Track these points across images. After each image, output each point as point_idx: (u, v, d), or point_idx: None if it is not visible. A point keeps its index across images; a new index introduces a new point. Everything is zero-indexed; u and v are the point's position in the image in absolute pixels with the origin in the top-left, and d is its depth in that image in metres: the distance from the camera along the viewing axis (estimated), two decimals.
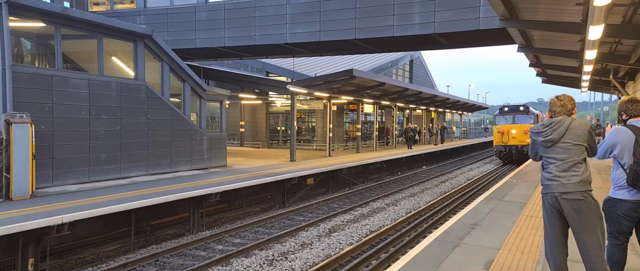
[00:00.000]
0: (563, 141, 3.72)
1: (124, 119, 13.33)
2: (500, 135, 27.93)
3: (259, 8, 19.33)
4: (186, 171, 15.30)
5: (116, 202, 9.40)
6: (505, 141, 27.70)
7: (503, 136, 27.74)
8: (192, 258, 9.43)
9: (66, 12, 12.11)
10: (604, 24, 6.55)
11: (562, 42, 11.62)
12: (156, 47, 14.65)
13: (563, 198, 3.65)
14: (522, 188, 10.74)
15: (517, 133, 27.24)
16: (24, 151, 10.04)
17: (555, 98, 3.93)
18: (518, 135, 27.21)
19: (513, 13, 9.00)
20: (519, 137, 27.21)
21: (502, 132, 27.78)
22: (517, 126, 27.45)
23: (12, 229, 7.32)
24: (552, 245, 3.78)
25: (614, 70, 15.58)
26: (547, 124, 3.85)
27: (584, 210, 3.59)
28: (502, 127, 27.94)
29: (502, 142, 27.86)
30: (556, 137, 3.75)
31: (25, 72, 11.12)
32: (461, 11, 15.91)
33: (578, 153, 3.70)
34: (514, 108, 28.70)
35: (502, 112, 28.85)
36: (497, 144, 28.28)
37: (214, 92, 17.53)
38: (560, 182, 3.67)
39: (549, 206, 3.77)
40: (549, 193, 3.75)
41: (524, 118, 27.82)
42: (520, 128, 27.16)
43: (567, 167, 3.69)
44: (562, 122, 3.77)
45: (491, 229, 6.84)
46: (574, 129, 3.72)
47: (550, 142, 3.78)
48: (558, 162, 3.73)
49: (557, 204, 3.70)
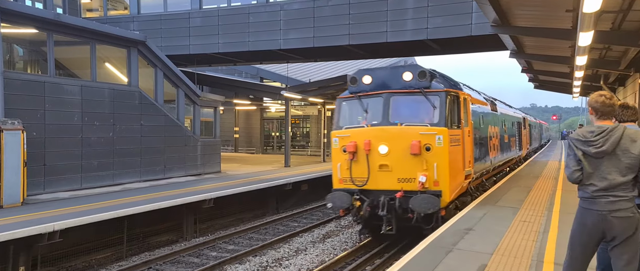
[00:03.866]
0: (615, 153, 3.29)
1: (117, 125, 13.27)
2: (345, 157, 8.72)
3: (252, 14, 19.37)
4: (180, 177, 15.23)
5: (108, 209, 9.34)
6: (359, 178, 8.64)
7: (355, 163, 8.65)
8: (186, 265, 9.37)
9: (58, 18, 12.08)
10: (593, 30, 6.64)
11: (553, 48, 11.75)
12: (150, 53, 14.62)
13: (613, 216, 3.28)
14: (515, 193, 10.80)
15: (399, 154, 8.33)
16: (15, 158, 9.95)
17: (604, 98, 3.41)
18: (401, 159, 8.34)
19: (505, 19, 9.09)
20: (402, 165, 8.34)
21: (352, 148, 8.56)
22: (397, 132, 8.37)
23: (2, 237, 7.24)
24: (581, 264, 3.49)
25: (604, 75, 15.74)
26: (598, 132, 3.32)
27: (634, 227, 3.32)
28: (353, 133, 8.74)
29: (351, 180, 8.74)
30: (609, 148, 3.28)
31: (17, 79, 11.05)
32: (454, 17, 16.04)
33: (630, 167, 3.28)
34: (391, 77, 8.80)
35: (355, 88, 9.08)
36: (340, 187, 8.87)
37: (208, 98, 17.51)
38: (609, 199, 3.28)
39: (591, 224, 3.35)
40: (594, 210, 3.33)
41: (420, 108, 8.62)
42: (405, 138, 8.26)
43: (618, 184, 3.27)
44: (616, 130, 3.31)
45: (484, 234, 6.86)
46: (628, 139, 3.29)
47: (602, 153, 3.29)
48: (608, 176, 3.29)
49: (602, 222, 3.31)
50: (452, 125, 8.57)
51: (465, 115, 9.38)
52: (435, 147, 8.09)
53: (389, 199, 8.26)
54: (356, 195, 8.56)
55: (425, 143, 8.12)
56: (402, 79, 8.58)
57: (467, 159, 9.31)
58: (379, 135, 8.39)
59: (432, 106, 8.40)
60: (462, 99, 9.18)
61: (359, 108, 8.99)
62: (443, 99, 8.39)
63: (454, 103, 8.83)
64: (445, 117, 8.30)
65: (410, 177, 8.24)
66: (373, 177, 8.47)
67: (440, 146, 8.10)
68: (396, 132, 8.33)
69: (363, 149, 8.42)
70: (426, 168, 8.13)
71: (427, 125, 8.32)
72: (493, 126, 12.90)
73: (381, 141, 8.35)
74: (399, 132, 8.31)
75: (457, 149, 8.70)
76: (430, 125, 8.30)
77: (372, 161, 8.42)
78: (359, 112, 8.98)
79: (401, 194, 8.16)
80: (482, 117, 11.36)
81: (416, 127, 8.30)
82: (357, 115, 9.07)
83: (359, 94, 8.94)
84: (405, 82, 8.57)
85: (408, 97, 8.60)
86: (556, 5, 7.75)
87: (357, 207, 8.56)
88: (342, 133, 8.84)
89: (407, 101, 8.63)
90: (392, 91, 8.62)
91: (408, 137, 8.19)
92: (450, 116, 8.53)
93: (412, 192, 8.18)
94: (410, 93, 8.56)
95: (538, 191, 11.24)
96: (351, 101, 9.13)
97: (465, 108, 9.39)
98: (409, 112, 8.59)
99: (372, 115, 8.76)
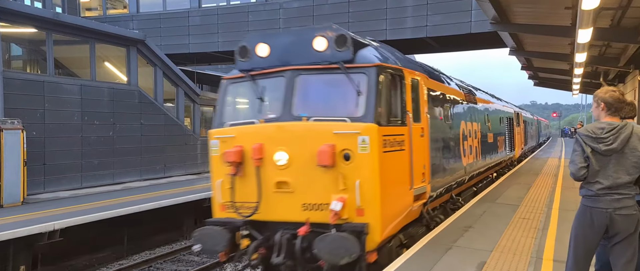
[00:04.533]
0: (623, 151, 3.24)
1: (116, 125, 13.28)
2: (227, 170, 5.62)
3: (252, 12, 19.37)
4: (180, 176, 15.24)
5: (109, 208, 9.35)
6: (246, 203, 5.58)
7: (241, 179, 5.60)
8: (186, 263, 9.39)
9: (57, 17, 12.09)
10: (592, 27, 6.64)
11: (552, 45, 11.75)
12: (149, 52, 14.62)
13: (617, 213, 3.26)
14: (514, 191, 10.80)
15: (304, 165, 5.34)
16: (15, 157, 9.96)
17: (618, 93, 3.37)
18: (307, 173, 5.34)
19: (504, 17, 9.10)
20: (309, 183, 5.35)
21: (235, 157, 5.51)
22: (302, 132, 5.40)
23: (2, 236, 7.25)
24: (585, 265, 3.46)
25: (604, 72, 15.75)
26: (608, 129, 3.27)
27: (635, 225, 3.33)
28: (239, 134, 5.73)
29: (232, 206, 5.63)
30: (619, 146, 3.23)
31: (17, 78, 11.06)
32: (453, 15, 16.05)
33: (636, 165, 3.26)
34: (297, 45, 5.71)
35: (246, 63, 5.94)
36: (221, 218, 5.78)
37: (208, 97, 17.51)
38: (614, 197, 3.26)
39: (596, 222, 3.31)
40: (599, 208, 3.29)
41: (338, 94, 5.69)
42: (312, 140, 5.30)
43: (625, 182, 3.25)
44: (626, 127, 3.26)
45: (484, 231, 6.87)
46: (636, 137, 3.26)
47: (612, 151, 3.24)
48: (614, 174, 3.26)
49: (606, 220, 3.29)
50: (390, 120, 5.57)
51: (417, 105, 6.37)
52: (358, 154, 5.14)
53: (287, 237, 5.24)
54: (243, 230, 5.50)
55: (342, 148, 5.15)
56: (313, 49, 5.51)
57: (417, 170, 6.27)
58: (276, 136, 5.42)
59: (356, 90, 5.36)
60: (409, 81, 6.12)
61: (250, 95, 5.96)
62: (373, 79, 5.36)
63: (394, 87, 5.75)
64: (375, 107, 5.25)
65: (322, 202, 5.23)
66: (267, 202, 5.44)
67: (366, 152, 5.12)
68: (300, 131, 5.37)
69: (252, 158, 5.40)
70: (344, 187, 5.14)
71: (347, 120, 5.25)
72: (470, 122, 9.73)
73: (279, 145, 5.36)
74: (303, 132, 5.35)
75: (398, 157, 5.69)
76: (350, 120, 5.24)
77: (265, 176, 5.41)
78: (251, 100, 5.98)
79: (306, 229, 5.16)
80: (450, 110, 8.32)
81: (328, 124, 5.28)
82: (248, 105, 6.12)
83: (251, 73, 5.87)
84: (317, 53, 5.51)
85: (322, 76, 5.60)
86: (555, 2, 7.75)
87: (245, 249, 5.52)
88: (223, 134, 5.81)
89: (320, 82, 5.68)
90: (298, 67, 5.61)
91: (316, 139, 5.22)
92: (387, 106, 5.48)
93: (324, 225, 5.12)
94: (325, 71, 5.55)
95: (538, 188, 11.25)
96: (241, 83, 6.06)
97: (416, 94, 6.37)
98: (323, 99, 5.71)
99: (269, 105, 5.85)
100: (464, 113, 9.38)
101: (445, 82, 8.63)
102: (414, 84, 6.33)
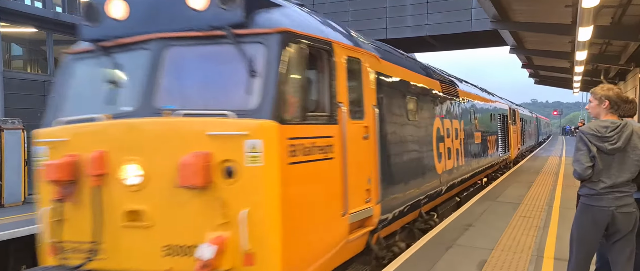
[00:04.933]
0: (626, 150, 3.26)
1: None
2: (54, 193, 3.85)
3: None
4: None
5: None
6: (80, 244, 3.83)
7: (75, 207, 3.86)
8: None
9: (58, 17, 12.09)
10: (593, 25, 6.64)
11: (553, 43, 11.74)
12: None
13: (619, 211, 3.28)
14: (515, 189, 10.79)
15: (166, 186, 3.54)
16: (16, 157, 9.97)
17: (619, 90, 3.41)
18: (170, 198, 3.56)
19: (504, 15, 9.09)
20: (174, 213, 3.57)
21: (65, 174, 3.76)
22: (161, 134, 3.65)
23: (3, 236, 7.26)
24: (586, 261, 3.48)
25: (604, 70, 15.75)
26: (612, 127, 3.27)
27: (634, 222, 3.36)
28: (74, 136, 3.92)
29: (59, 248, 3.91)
30: (622, 145, 3.24)
31: (17, 78, 11.06)
32: (453, 13, 16.05)
33: (637, 163, 3.30)
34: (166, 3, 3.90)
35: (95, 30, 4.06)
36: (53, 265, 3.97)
37: None
38: (615, 195, 3.28)
39: (598, 221, 3.33)
40: (601, 206, 3.31)
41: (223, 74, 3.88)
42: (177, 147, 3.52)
43: (626, 180, 3.29)
44: (627, 126, 3.29)
45: (484, 230, 6.87)
46: (636, 136, 3.29)
47: (616, 150, 3.25)
48: (616, 172, 3.28)
49: (608, 218, 3.31)
50: (306, 116, 3.86)
51: (358, 94, 4.68)
52: (246, 167, 3.43)
53: None
54: None
55: (222, 158, 3.46)
56: (189, 7, 3.72)
57: (357, 187, 4.51)
58: (126, 140, 3.68)
59: (248, 68, 3.57)
60: (343, 60, 4.34)
61: (98, 76, 4.13)
62: (274, 52, 3.61)
63: (315, 66, 4.12)
64: (275, 95, 3.53)
65: (192, 243, 3.50)
66: (112, 242, 3.72)
67: (258, 165, 3.42)
68: (159, 132, 3.66)
69: (90, 175, 3.69)
70: (225, 220, 3.45)
71: (229, 115, 3.51)
72: (448, 119, 8.09)
73: (130, 155, 3.63)
74: (163, 133, 3.65)
75: (319, 169, 3.99)
76: (237, 114, 3.51)
77: (109, 203, 3.71)
78: (98, 84, 4.11)
79: None
80: (417, 103, 6.57)
81: (200, 120, 3.58)
82: (93, 93, 4.21)
83: (101, 43, 4.07)
84: (194, 12, 3.71)
85: (200, 48, 3.83)
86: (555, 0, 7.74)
87: None
88: (53, 135, 4.08)
89: (198, 58, 3.90)
90: (168, 35, 3.82)
91: (182, 145, 3.52)
92: (299, 93, 3.78)
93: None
94: (204, 41, 3.78)
95: (538, 186, 11.24)
96: (88, 59, 4.26)
97: (357, 80, 4.67)
98: (200, 83, 3.95)
99: (124, 92, 4.02)
100: (439, 108, 7.67)
101: (411, 68, 6.80)
102: (351, 65, 4.49)
